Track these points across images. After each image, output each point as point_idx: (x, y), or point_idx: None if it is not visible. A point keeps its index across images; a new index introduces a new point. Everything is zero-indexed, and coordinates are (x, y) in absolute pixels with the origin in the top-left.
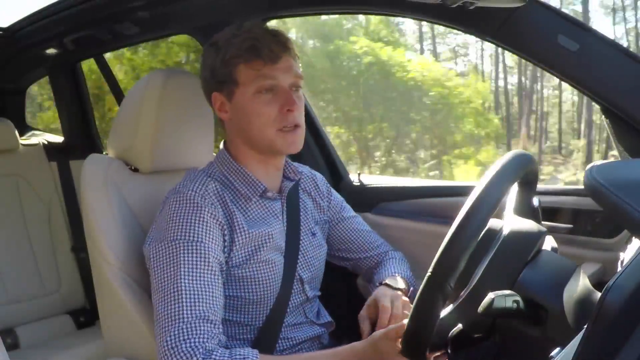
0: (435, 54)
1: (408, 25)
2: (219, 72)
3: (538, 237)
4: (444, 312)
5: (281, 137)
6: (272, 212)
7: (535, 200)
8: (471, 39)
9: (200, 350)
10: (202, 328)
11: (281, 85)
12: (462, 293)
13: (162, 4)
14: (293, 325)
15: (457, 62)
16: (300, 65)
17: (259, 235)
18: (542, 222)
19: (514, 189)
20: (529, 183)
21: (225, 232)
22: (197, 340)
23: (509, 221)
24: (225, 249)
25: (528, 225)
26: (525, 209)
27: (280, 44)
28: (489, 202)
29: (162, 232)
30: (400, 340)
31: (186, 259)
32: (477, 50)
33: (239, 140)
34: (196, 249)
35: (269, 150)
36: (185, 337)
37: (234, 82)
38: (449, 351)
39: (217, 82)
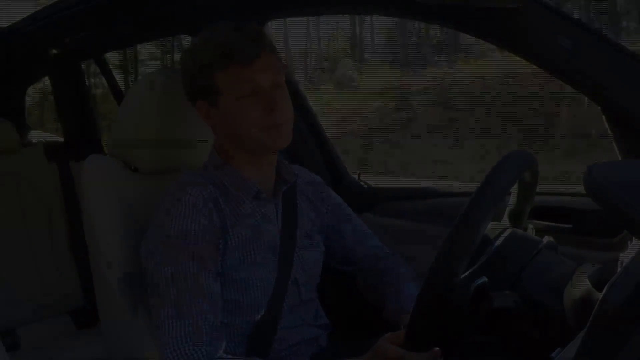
0: None
1: None
2: (198, 80)
3: (539, 238)
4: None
5: (267, 135)
6: (265, 215)
7: (530, 226)
8: None
9: (203, 352)
10: (203, 329)
11: (262, 86)
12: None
13: (162, 4)
14: (289, 327)
15: None
16: (280, 56)
17: (252, 237)
18: (542, 222)
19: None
20: (528, 185)
21: (218, 234)
22: (198, 342)
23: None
24: (219, 251)
25: None
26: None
27: (254, 43)
28: (519, 160)
29: (156, 235)
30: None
31: (182, 261)
32: None
33: (228, 143)
34: (191, 251)
35: (258, 148)
36: (187, 339)
37: (215, 90)
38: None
39: (198, 90)
